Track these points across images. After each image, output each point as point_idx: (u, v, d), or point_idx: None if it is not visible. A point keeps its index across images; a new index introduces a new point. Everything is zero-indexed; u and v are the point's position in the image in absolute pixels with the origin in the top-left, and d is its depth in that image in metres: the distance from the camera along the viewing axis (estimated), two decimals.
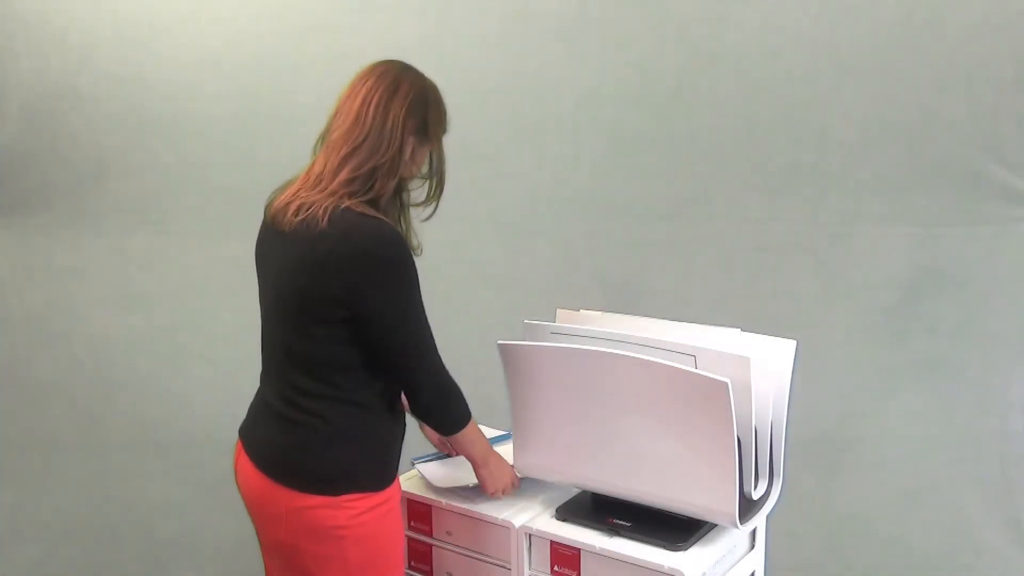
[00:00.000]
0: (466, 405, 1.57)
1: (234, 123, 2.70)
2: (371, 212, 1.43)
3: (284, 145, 2.65)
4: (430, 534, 1.73)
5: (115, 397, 2.78)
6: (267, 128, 2.69)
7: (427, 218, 1.58)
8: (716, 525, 1.55)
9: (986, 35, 2.46)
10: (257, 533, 1.58)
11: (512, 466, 1.69)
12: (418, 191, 1.58)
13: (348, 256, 1.38)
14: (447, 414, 1.56)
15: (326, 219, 1.39)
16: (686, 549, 1.49)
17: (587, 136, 2.68)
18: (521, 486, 1.72)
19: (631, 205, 2.68)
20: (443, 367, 1.51)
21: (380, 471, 1.50)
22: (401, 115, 1.45)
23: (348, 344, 1.43)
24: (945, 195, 2.55)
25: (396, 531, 1.55)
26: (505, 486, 1.66)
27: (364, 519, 1.46)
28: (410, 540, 1.77)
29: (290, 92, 2.68)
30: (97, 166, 2.71)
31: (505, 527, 1.62)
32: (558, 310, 1.76)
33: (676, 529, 1.52)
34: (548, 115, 2.67)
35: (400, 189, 1.55)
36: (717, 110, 2.61)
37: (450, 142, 1.59)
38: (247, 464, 1.52)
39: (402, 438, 1.57)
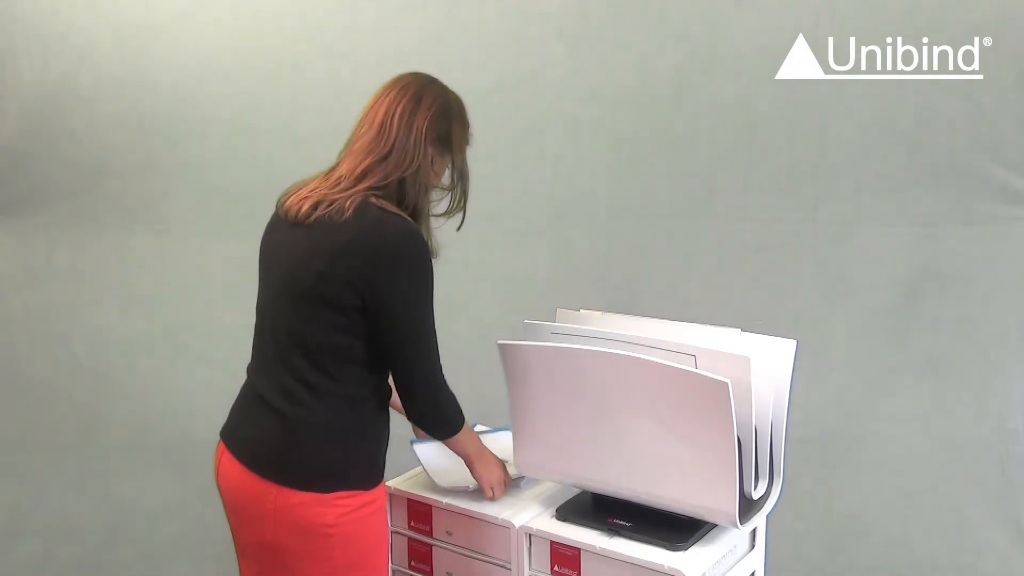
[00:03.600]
0: (460, 413, 1.58)
1: (234, 123, 2.70)
2: (394, 209, 1.46)
3: (284, 145, 2.68)
4: (430, 534, 1.73)
5: (115, 397, 2.78)
6: (267, 128, 2.69)
7: (459, 228, 1.60)
8: (716, 525, 1.55)
9: (986, 35, 2.46)
10: (235, 536, 1.56)
11: (503, 463, 1.69)
12: (437, 202, 1.60)
13: (371, 245, 1.41)
14: (439, 421, 1.57)
15: (352, 210, 1.42)
16: (686, 549, 1.49)
17: (587, 136, 2.68)
18: (515, 485, 1.72)
19: (631, 205, 2.68)
20: (442, 376, 1.51)
21: (370, 469, 1.50)
22: (424, 127, 1.48)
23: (353, 335, 1.44)
24: (945, 195, 2.55)
25: (382, 532, 1.55)
26: (496, 482, 1.67)
27: (352, 517, 1.46)
28: (410, 540, 1.77)
29: (290, 92, 2.68)
30: (97, 166, 2.71)
31: (505, 527, 1.62)
32: (558, 310, 1.77)
33: (676, 529, 1.52)
34: (548, 115, 2.67)
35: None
36: (717, 110, 2.61)
37: None
38: (231, 463, 1.51)
39: (388, 439, 1.57)
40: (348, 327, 1.44)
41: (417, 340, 1.46)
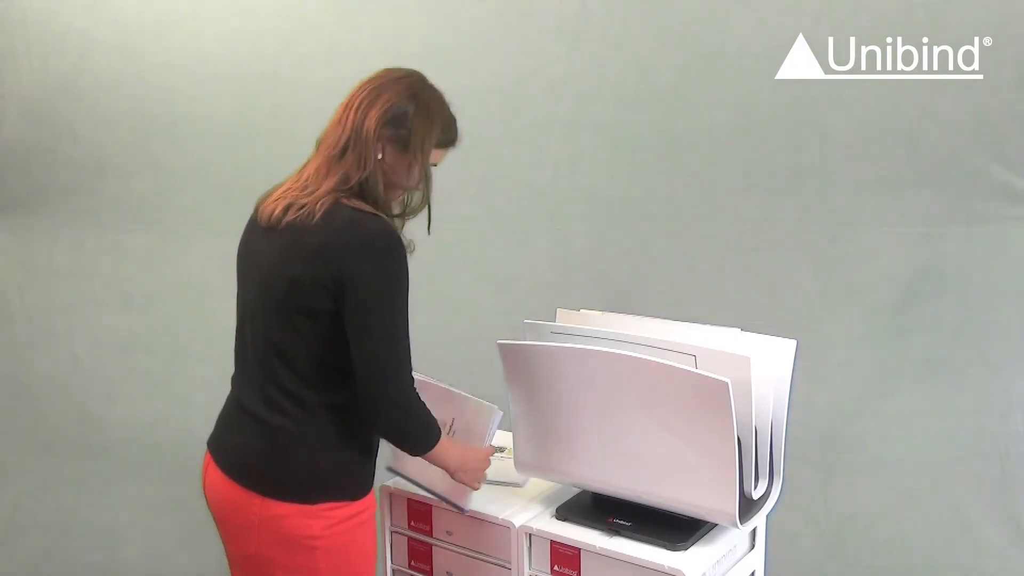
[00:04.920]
0: (433, 430, 1.49)
1: (234, 123, 2.70)
2: (367, 208, 1.43)
3: (284, 145, 2.66)
4: (430, 534, 1.73)
5: (115, 397, 2.78)
6: (267, 128, 2.69)
7: (428, 231, 1.53)
8: (716, 525, 1.55)
9: (986, 35, 2.46)
10: (225, 547, 1.54)
11: (483, 449, 1.62)
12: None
13: (344, 246, 1.37)
14: (408, 437, 1.47)
15: (321, 213, 1.39)
16: (686, 549, 1.49)
17: (587, 136, 2.68)
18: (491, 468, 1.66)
19: (631, 205, 2.68)
20: (412, 387, 1.42)
21: (358, 479, 1.46)
22: (374, 124, 1.43)
23: (332, 344, 1.39)
24: (945, 195, 2.55)
25: (369, 543, 1.50)
26: (480, 476, 1.60)
27: (339, 529, 1.42)
28: (410, 540, 1.77)
29: (289, 92, 2.68)
30: (97, 166, 2.71)
31: (505, 527, 1.62)
32: (558, 310, 1.76)
33: (676, 529, 1.52)
34: (548, 115, 2.67)
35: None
36: (717, 110, 2.61)
37: None
38: (216, 474, 1.48)
39: (378, 447, 1.52)
40: (326, 336, 1.39)
41: (392, 344, 1.38)
